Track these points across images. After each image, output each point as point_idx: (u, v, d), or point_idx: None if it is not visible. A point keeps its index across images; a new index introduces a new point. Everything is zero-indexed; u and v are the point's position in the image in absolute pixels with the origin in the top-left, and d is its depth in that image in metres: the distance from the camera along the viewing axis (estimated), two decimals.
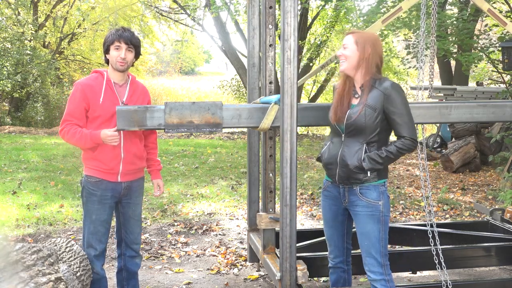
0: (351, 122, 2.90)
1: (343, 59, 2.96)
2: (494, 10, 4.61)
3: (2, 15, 17.27)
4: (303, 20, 15.41)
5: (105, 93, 3.17)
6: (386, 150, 2.88)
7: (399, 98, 2.87)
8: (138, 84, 3.36)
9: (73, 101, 3.17)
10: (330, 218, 3.14)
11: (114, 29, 3.25)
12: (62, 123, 3.20)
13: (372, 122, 2.87)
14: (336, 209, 3.11)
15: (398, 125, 2.88)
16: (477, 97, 10.52)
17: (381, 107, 2.87)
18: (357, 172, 2.90)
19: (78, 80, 3.27)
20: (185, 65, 38.94)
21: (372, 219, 2.93)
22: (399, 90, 2.90)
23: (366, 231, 2.94)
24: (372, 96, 2.89)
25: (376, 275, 2.96)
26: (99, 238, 3.27)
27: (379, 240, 2.94)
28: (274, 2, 3.59)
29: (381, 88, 2.88)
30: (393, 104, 2.86)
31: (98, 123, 3.16)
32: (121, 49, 3.16)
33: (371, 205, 2.92)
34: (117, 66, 3.18)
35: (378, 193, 2.94)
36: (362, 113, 2.86)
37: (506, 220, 4.65)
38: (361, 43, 2.91)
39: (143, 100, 3.33)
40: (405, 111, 2.88)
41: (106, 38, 3.22)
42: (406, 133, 2.86)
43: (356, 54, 2.92)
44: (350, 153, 2.91)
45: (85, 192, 3.25)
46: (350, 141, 2.94)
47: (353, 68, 2.94)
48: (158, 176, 3.52)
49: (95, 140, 3.12)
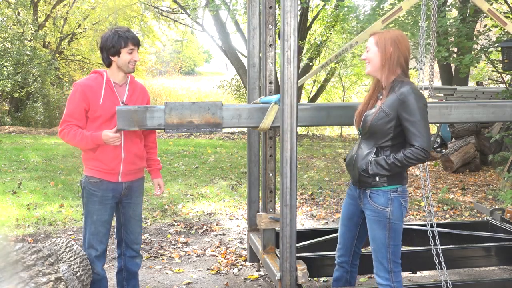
0: (366, 124, 2.89)
1: (367, 62, 2.92)
2: (494, 10, 4.61)
3: (2, 15, 17.27)
4: (303, 20, 15.41)
5: (105, 93, 3.17)
6: (393, 157, 2.79)
7: (414, 104, 2.73)
8: (137, 84, 3.36)
9: (72, 102, 3.16)
10: (346, 216, 3.13)
11: (119, 31, 3.16)
12: (61, 124, 3.18)
13: (384, 126, 2.80)
14: (353, 209, 3.09)
15: (410, 133, 2.75)
16: (477, 97, 10.52)
17: (395, 112, 2.77)
18: (365, 176, 2.87)
19: (78, 81, 3.24)
20: (185, 65, 38.97)
21: (378, 224, 2.88)
22: (417, 96, 2.75)
23: (372, 235, 2.93)
24: (389, 100, 2.81)
25: (382, 279, 2.95)
26: (100, 239, 3.27)
27: (386, 246, 2.89)
28: (274, 2, 3.59)
29: (398, 92, 2.77)
30: (407, 111, 2.74)
31: (98, 123, 3.15)
32: (134, 52, 3.17)
33: (378, 211, 2.87)
34: (129, 69, 3.18)
35: (387, 199, 2.85)
36: (376, 116, 2.83)
37: (506, 220, 4.65)
38: (382, 43, 2.84)
39: (143, 99, 3.33)
40: (419, 119, 2.72)
41: (113, 40, 3.14)
42: (416, 143, 2.72)
43: (378, 56, 2.86)
44: (361, 156, 2.90)
45: (86, 193, 3.25)
46: (364, 144, 2.93)
47: (378, 70, 2.88)
48: (158, 175, 3.52)
49: (96, 142, 3.12)
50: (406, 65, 2.89)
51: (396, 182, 2.86)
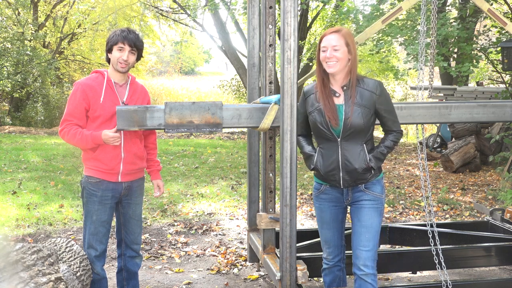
0: (350, 125, 2.86)
1: (336, 60, 2.86)
2: (494, 10, 4.61)
3: (2, 15, 17.27)
4: (303, 20, 15.41)
5: (106, 93, 3.17)
6: (385, 147, 2.95)
7: (387, 96, 2.97)
8: (138, 85, 3.36)
9: (73, 101, 3.16)
10: (331, 219, 3.11)
11: (119, 29, 3.22)
12: (62, 123, 3.18)
13: (368, 121, 2.89)
14: (336, 210, 3.09)
15: (390, 121, 2.96)
16: (477, 97, 10.52)
17: (374, 107, 2.90)
18: (364, 173, 2.93)
19: (78, 80, 3.25)
20: (185, 65, 38.96)
21: (376, 212, 2.97)
22: (384, 87, 2.97)
23: (369, 224, 2.95)
24: (362, 96, 2.88)
25: (369, 269, 2.94)
26: (100, 239, 3.27)
27: (378, 233, 2.99)
28: (274, 2, 3.59)
29: (370, 88, 2.90)
30: (384, 103, 2.92)
31: (98, 122, 3.15)
32: (124, 51, 3.15)
33: (377, 198, 2.97)
34: (117, 67, 3.18)
35: (381, 187, 3.01)
36: (359, 114, 2.85)
37: (506, 220, 4.65)
38: (351, 43, 2.89)
39: (143, 100, 3.33)
40: (392, 106, 2.98)
41: (110, 37, 3.20)
42: (395, 127, 2.98)
43: (347, 56, 2.88)
44: (353, 156, 2.90)
45: (86, 193, 3.25)
46: (349, 145, 2.91)
47: (343, 68, 2.91)
48: (158, 176, 3.52)
49: (96, 141, 3.12)
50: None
51: (381, 169, 3.04)
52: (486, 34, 10.52)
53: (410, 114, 3.51)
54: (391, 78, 18.41)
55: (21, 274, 2.75)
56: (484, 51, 9.90)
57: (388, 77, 19.12)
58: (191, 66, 41.59)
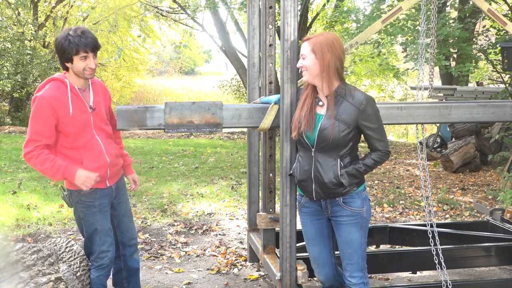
0: (323, 138, 2.75)
1: (304, 69, 2.79)
2: (494, 10, 4.61)
3: (2, 15, 17.27)
4: (303, 20, 15.41)
5: (73, 103, 2.95)
6: (363, 164, 2.80)
7: (373, 112, 2.77)
8: (97, 83, 3.18)
9: (39, 118, 2.87)
10: (316, 235, 2.99)
11: (70, 33, 2.88)
12: (28, 144, 2.88)
13: (346, 137, 2.75)
14: (319, 224, 2.98)
15: (373, 139, 2.79)
16: (477, 97, 10.53)
17: (355, 123, 2.74)
18: (335, 188, 2.80)
19: (40, 94, 2.90)
20: (185, 65, 38.99)
21: (355, 227, 2.86)
22: (372, 103, 2.77)
23: (349, 239, 2.87)
24: (344, 110, 2.74)
25: (356, 279, 2.90)
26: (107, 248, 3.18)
27: (361, 246, 2.88)
28: (274, 2, 3.59)
29: (354, 102, 2.73)
30: (368, 119, 2.75)
31: (72, 136, 2.97)
32: (89, 59, 2.92)
33: (355, 213, 2.85)
34: (85, 75, 2.96)
35: (361, 200, 2.86)
36: (335, 128, 2.72)
37: (506, 220, 4.65)
38: (318, 49, 2.73)
39: (105, 97, 3.17)
40: (379, 124, 2.79)
41: (64, 46, 2.87)
42: (381, 147, 2.80)
43: (316, 63, 2.75)
44: (325, 169, 2.79)
45: (82, 207, 3.09)
46: (322, 157, 2.80)
47: (316, 77, 2.78)
48: (131, 170, 3.42)
49: (67, 176, 2.93)
50: (342, 69, 2.81)
51: (362, 181, 2.90)
52: (485, 34, 10.51)
53: (410, 114, 3.50)
54: (391, 78, 18.42)
55: (21, 274, 2.75)
56: (484, 51, 9.90)
57: (388, 77, 19.13)
58: (191, 66, 41.61)
